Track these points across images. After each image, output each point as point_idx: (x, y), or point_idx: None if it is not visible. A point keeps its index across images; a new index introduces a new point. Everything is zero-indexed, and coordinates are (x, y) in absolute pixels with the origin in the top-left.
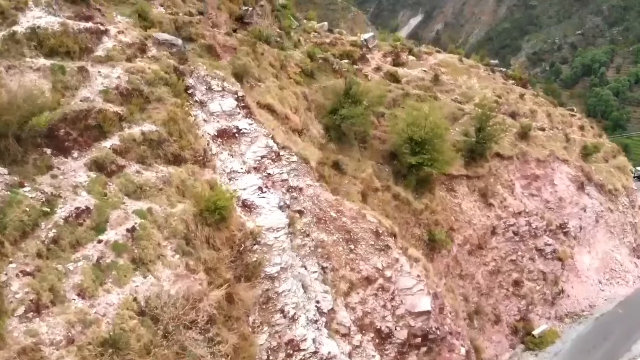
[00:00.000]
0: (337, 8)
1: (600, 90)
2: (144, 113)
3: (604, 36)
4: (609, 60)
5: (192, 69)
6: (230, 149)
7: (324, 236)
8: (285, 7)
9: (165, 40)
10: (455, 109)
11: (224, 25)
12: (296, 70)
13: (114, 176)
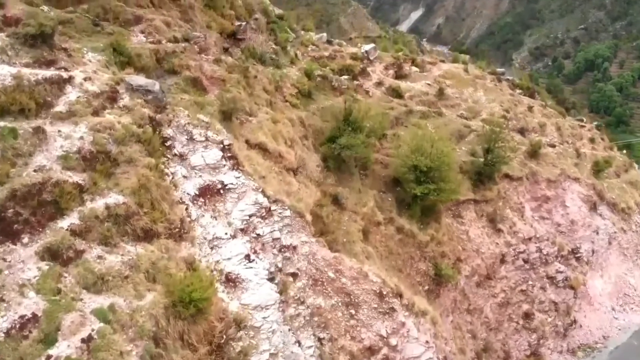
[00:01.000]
0: (337, 2)
1: (603, 86)
2: (110, 180)
3: (607, 31)
4: (612, 55)
5: (171, 117)
6: (213, 210)
7: (320, 301)
8: (282, 18)
9: (139, 86)
10: (461, 125)
11: (214, 48)
12: (292, 91)
13: (70, 265)
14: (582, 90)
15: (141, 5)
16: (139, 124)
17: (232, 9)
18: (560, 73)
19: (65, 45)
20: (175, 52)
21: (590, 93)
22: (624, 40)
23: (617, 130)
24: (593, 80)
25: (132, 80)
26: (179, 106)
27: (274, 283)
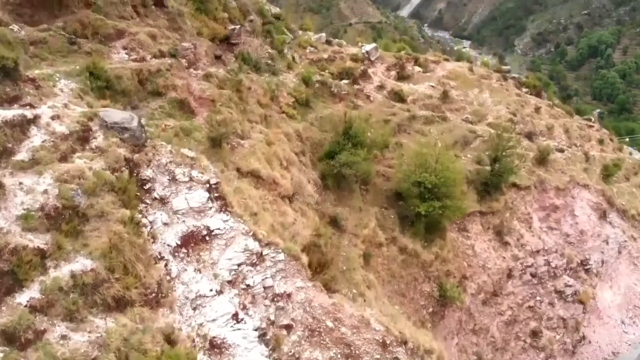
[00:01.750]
0: None
1: (606, 73)
2: (77, 241)
3: (611, 16)
4: (615, 41)
5: (151, 156)
6: (198, 260)
7: (317, 354)
8: (279, 17)
9: (114, 123)
10: (467, 131)
11: (205, 58)
12: (289, 101)
13: (29, 348)
14: (585, 77)
15: (124, 17)
16: (114, 168)
17: (226, 11)
18: (563, 59)
19: (34, 73)
20: (161, 71)
21: (593, 80)
22: (628, 26)
23: (620, 117)
24: (596, 67)
25: (107, 115)
26: (161, 140)
27: (265, 339)
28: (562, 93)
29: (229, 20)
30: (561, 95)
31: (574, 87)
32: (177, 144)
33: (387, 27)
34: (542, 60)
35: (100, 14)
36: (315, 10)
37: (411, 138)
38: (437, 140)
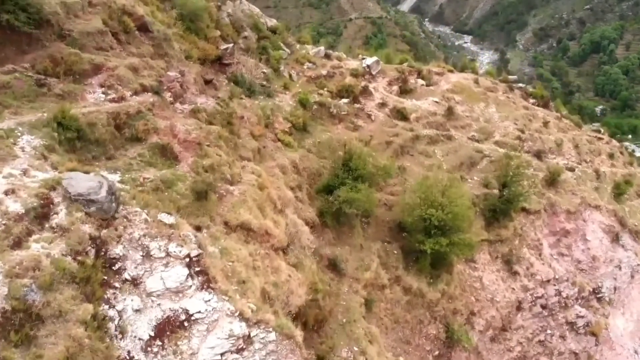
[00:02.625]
0: None
1: (609, 69)
2: (29, 350)
3: (614, 11)
4: (618, 37)
5: (122, 230)
6: (175, 352)
7: None
8: (275, 31)
9: (79, 195)
10: (473, 150)
11: (194, 86)
12: (285, 126)
13: None
14: (588, 72)
15: (102, 48)
16: (77, 250)
17: (218, 28)
18: (565, 55)
19: None
20: (141, 113)
21: (595, 76)
22: (631, 22)
23: (622, 114)
24: (598, 63)
25: (71, 185)
26: (136, 204)
27: None
28: (565, 89)
29: (222, 39)
30: (563, 91)
31: (576, 83)
32: (155, 206)
33: (387, 22)
34: (544, 55)
35: (76, 47)
36: (315, 5)
37: (415, 160)
38: (442, 162)
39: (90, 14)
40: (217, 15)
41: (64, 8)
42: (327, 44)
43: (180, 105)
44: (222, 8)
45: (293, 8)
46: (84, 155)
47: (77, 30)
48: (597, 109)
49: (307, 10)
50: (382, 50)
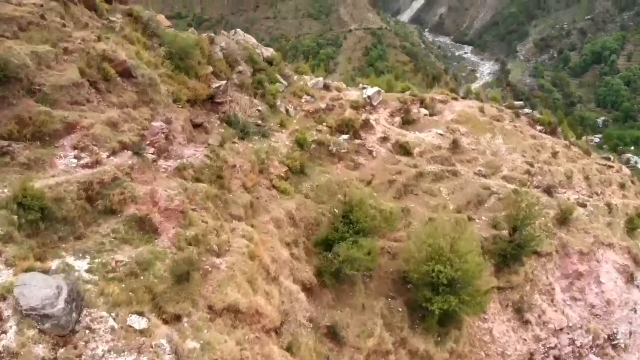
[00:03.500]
0: None
1: (610, 79)
2: None
3: (615, 21)
4: (619, 47)
5: (82, 347)
6: None
7: None
8: (272, 62)
9: (31, 309)
10: (480, 187)
11: (181, 135)
12: (281, 170)
13: None
14: (589, 83)
15: (78, 102)
16: None
17: (211, 64)
18: (566, 66)
19: None
20: (117, 179)
21: (597, 87)
22: (632, 32)
23: (625, 125)
24: (600, 73)
25: (24, 296)
26: (103, 305)
27: None
28: (566, 100)
29: (214, 75)
30: (564, 102)
31: (577, 94)
32: (126, 303)
33: (387, 33)
34: (545, 66)
35: (47, 104)
36: (314, 16)
37: (419, 200)
38: (448, 202)
39: (66, 62)
40: (210, 49)
41: (35, 59)
42: (327, 55)
43: (164, 162)
44: (215, 41)
45: (292, 19)
46: (48, 238)
47: (49, 84)
48: (599, 120)
49: (306, 21)
50: (384, 76)
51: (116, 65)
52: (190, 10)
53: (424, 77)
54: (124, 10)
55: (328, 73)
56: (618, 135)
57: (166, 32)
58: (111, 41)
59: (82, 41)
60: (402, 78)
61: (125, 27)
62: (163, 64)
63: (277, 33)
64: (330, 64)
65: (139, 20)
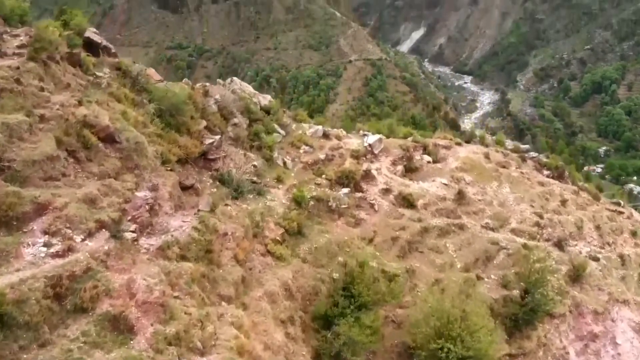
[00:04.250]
0: (337, 24)
1: (611, 109)
2: None
3: (614, 51)
4: (620, 77)
5: None
6: None
7: None
8: (269, 111)
9: None
10: (488, 242)
11: (168, 203)
12: (277, 233)
13: None
14: (590, 113)
15: (52, 177)
16: None
17: (204, 117)
18: (567, 95)
19: None
20: (90, 270)
21: (598, 116)
22: (632, 62)
23: (627, 155)
24: (601, 103)
25: None
26: None
27: None
28: (567, 130)
29: (208, 129)
30: (565, 132)
31: (578, 123)
32: None
33: (387, 64)
34: (545, 96)
35: (16, 183)
36: (314, 47)
37: (424, 259)
38: (455, 259)
39: (42, 131)
40: (204, 102)
41: (6, 131)
42: (327, 85)
43: (146, 241)
44: (209, 93)
45: (293, 50)
46: (8, 348)
47: (20, 160)
48: (601, 150)
49: (307, 52)
50: (385, 120)
51: (98, 131)
52: (191, 41)
53: (424, 107)
54: (112, 64)
55: (328, 103)
56: (620, 166)
57: (156, 87)
58: (93, 104)
59: (61, 106)
60: (402, 108)
61: (113, 83)
62: (152, 122)
63: (278, 64)
64: (330, 94)
65: (128, 75)
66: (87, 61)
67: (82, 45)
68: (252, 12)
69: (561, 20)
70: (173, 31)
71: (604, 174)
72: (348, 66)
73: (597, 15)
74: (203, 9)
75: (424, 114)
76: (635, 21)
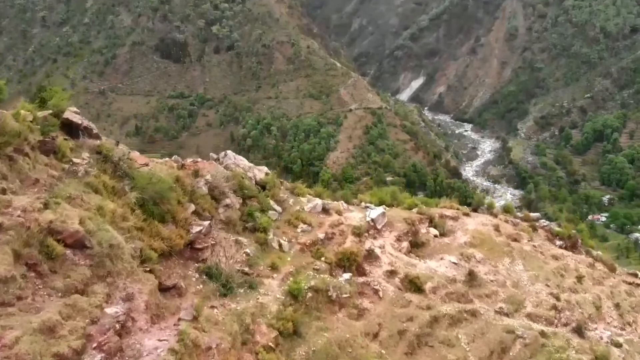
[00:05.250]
0: (337, 74)
1: (614, 158)
2: None
3: (615, 99)
4: (621, 125)
5: None
6: None
7: None
8: (265, 186)
9: None
10: (503, 331)
11: (144, 316)
12: (270, 337)
13: None
14: (592, 161)
15: (5, 302)
16: None
17: (193, 201)
18: (568, 144)
19: None
20: None
21: (600, 165)
22: (633, 110)
23: (631, 204)
24: (603, 152)
25: None
26: None
27: None
28: (569, 178)
29: (197, 214)
30: (568, 180)
31: (581, 172)
32: None
33: (387, 113)
34: (547, 144)
35: None
36: (315, 96)
37: (435, 355)
38: (468, 353)
39: None
40: (193, 184)
41: None
42: (328, 133)
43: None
44: (200, 173)
45: (294, 99)
46: None
47: None
48: (604, 198)
49: (307, 101)
50: (387, 188)
51: (66, 237)
52: (193, 90)
53: (425, 155)
54: (93, 147)
55: (329, 151)
56: (625, 214)
57: (140, 173)
58: (62, 205)
59: (23, 212)
60: (402, 156)
61: (91, 170)
62: (133, 213)
63: (279, 112)
64: (331, 142)
65: (109, 159)
66: (64, 146)
67: (60, 127)
68: (254, 62)
69: (560, 69)
70: (175, 80)
71: (608, 223)
72: (348, 115)
73: (596, 64)
74: (205, 59)
75: (424, 162)
76: (634, 69)
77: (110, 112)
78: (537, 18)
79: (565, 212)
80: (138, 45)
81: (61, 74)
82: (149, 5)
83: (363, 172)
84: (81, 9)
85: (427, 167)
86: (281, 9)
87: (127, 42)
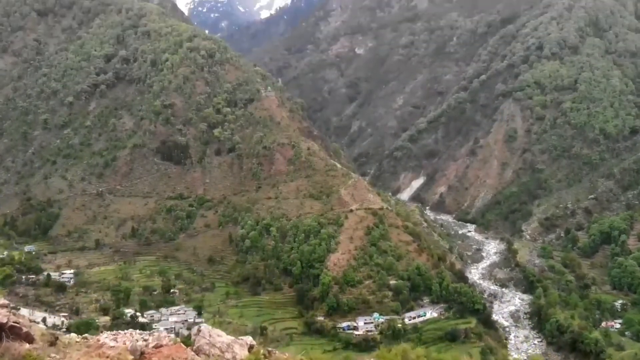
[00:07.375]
0: (337, 174)
1: (623, 261)
2: None
3: (619, 200)
4: (628, 227)
5: None
6: None
7: None
8: None
9: None
10: None
11: None
12: None
13: None
14: (601, 264)
15: None
16: None
17: None
18: (575, 246)
19: None
20: None
21: (610, 268)
22: (639, 211)
23: None
24: (611, 254)
25: None
26: None
27: None
28: (579, 282)
29: None
30: (578, 284)
31: (590, 275)
32: None
33: (388, 213)
34: (553, 246)
35: None
36: (315, 196)
37: None
38: None
39: None
40: None
41: None
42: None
43: None
44: None
45: (294, 199)
46: None
47: None
48: (617, 303)
49: (307, 201)
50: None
51: None
52: (192, 192)
53: (429, 258)
54: (17, 354)
55: (329, 252)
56: (639, 321)
57: None
58: None
59: None
60: (406, 258)
61: None
62: None
63: (279, 212)
64: (331, 243)
65: None
66: None
67: None
68: (255, 163)
69: (562, 170)
70: (175, 182)
71: (623, 330)
72: (349, 215)
73: (597, 165)
74: (206, 161)
75: (429, 264)
76: (637, 170)
77: (107, 214)
78: (535, 120)
79: (577, 319)
80: (139, 147)
81: (59, 175)
82: (151, 109)
83: (365, 274)
84: (83, 112)
85: (431, 270)
86: (282, 113)
87: (128, 145)
